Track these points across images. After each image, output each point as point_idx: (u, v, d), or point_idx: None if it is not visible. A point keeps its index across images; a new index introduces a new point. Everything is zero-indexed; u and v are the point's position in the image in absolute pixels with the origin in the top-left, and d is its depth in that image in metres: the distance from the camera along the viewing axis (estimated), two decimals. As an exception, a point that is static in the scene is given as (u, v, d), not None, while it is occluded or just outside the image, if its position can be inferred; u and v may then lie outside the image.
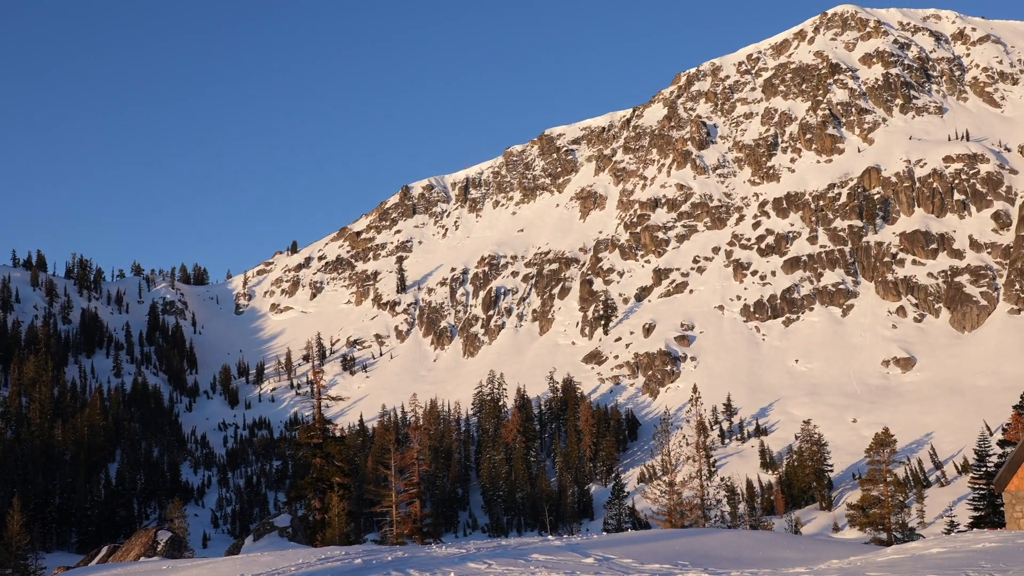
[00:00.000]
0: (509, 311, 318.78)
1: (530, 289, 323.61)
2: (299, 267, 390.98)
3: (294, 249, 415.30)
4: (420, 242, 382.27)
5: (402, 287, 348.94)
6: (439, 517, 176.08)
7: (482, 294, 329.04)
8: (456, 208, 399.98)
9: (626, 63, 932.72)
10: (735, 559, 22.58)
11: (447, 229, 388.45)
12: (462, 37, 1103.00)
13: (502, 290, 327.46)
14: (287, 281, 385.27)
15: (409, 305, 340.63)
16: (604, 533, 39.53)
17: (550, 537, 30.14)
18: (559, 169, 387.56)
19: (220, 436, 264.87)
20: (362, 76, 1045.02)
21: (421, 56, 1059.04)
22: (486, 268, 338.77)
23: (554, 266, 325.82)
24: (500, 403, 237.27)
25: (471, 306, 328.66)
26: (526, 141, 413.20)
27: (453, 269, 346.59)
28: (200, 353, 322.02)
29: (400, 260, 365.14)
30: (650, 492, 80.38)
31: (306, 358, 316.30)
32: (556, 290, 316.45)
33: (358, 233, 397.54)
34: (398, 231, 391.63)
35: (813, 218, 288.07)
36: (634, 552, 22.81)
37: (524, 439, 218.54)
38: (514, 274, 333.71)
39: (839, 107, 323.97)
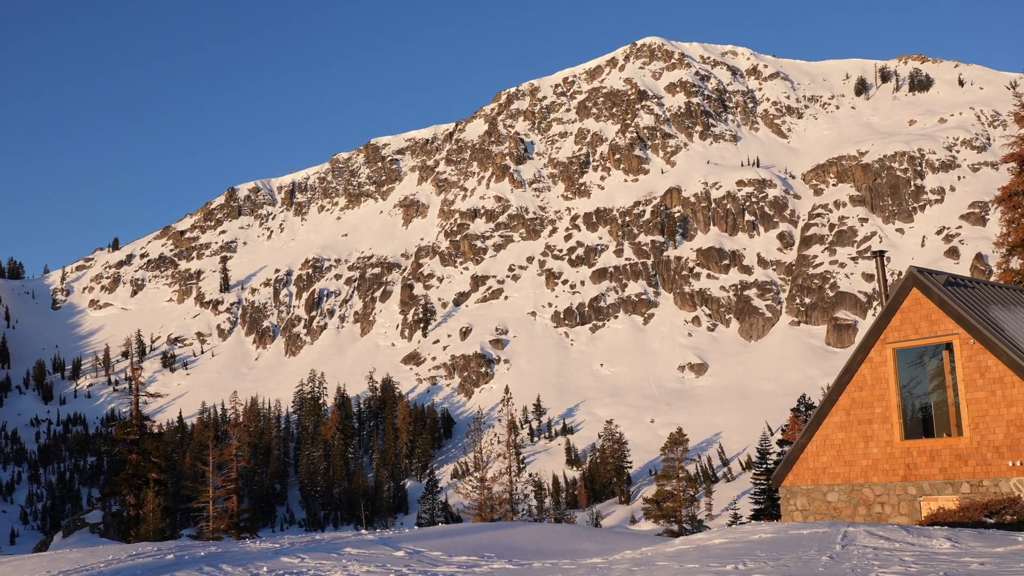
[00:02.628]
0: (331, 312, 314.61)
1: (352, 292, 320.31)
2: (120, 264, 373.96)
3: (116, 246, 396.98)
4: (245, 243, 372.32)
5: (225, 286, 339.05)
6: (257, 512, 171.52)
7: (305, 295, 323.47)
8: (282, 211, 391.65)
9: (450, 79, 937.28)
10: (538, 550, 22.87)
11: (272, 231, 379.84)
12: (290, 43, 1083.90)
13: (325, 292, 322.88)
14: (107, 278, 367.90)
15: (232, 304, 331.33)
16: (417, 527, 39.28)
17: (364, 531, 29.80)
18: (384, 177, 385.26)
19: (32, 432, 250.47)
20: (189, 76, 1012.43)
21: (249, 59, 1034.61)
22: (310, 270, 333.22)
23: (376, 270, 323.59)
24: (320, 401, 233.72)
25: (294, 307, 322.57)
26: (352, 149, 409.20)
27: (277, 270, 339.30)
28: (14, 348, 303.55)
29: (224, 260, 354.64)
30: (462, 487, 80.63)
31: (125, 355, 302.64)
32: (378, 293, 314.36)
33: (182, 232, 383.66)
34: (223, 231, 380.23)
35: (620, 232, 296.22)
36: (443, 545, 22.79)
37: (343, 436, 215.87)
38: (337, 277, 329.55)
39: (645, 131, 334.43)
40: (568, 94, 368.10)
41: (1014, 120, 50.05)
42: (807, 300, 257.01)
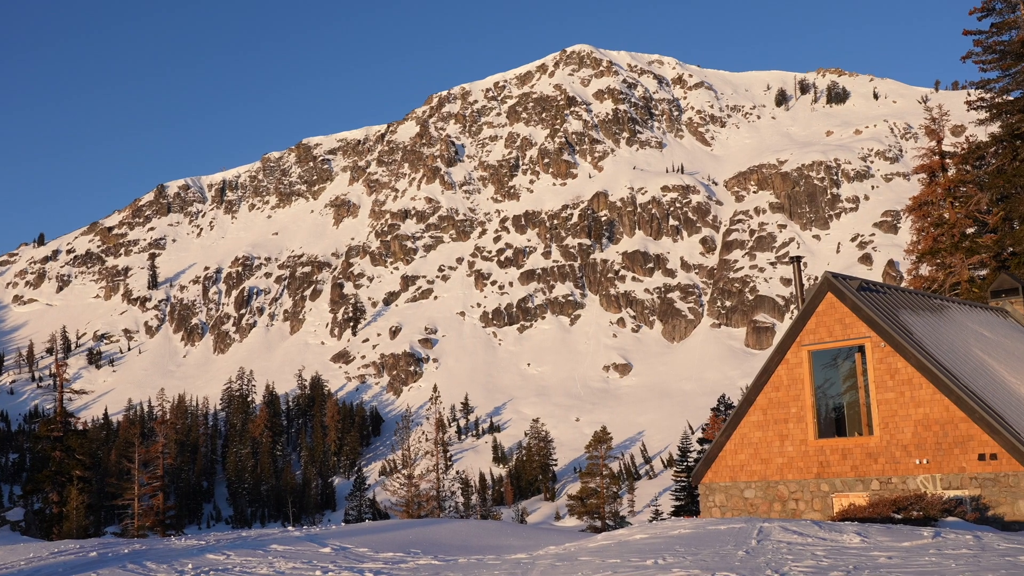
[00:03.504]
0: (261, 311, 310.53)
1: (282, 290, 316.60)
2: (46, 259, 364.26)
3: (41, 241, 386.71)
4: (174, 240, 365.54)
5: (154, 283, 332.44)
6: (183, 510, 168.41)
7: (235, 293, 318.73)
8: (212, 209, 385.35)
9: (383, 81, 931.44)
10: (463, 546, 22.84)
11: (202, 229, 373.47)
12: (220, 39, 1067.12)
13: (255, 290, 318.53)
14: (32, 273, 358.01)
15: (160, 301, 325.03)
16: (344, 524, 38.85)
17: (291, 528, 29.46)
18: (315, 177, 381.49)
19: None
20: (119, 69, 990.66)
21: (181, 54, 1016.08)
22: (240, 268, 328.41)
23: (307, 269, 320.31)
24: (249, 399, 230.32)
25: (223, 304, 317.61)
26: (284, 148, 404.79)
27: (207, 268, 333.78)
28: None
29: (153, 257, 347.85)
30: (390, 485, 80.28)
31: (50, 351, 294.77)
32: (308, 292, 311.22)
33: (110, 228, 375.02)
34: (152, 228, 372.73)
35: (548, 235, 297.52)
36: (370, 541, 22.63)
37: (271, 434, 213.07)
38: (267, 275, 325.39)
39: (574, 136, 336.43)
40: (499, 98, 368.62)
41: (925, 133, 51.43)
42: (727, 303, 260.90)
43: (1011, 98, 44.74)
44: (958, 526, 20.36)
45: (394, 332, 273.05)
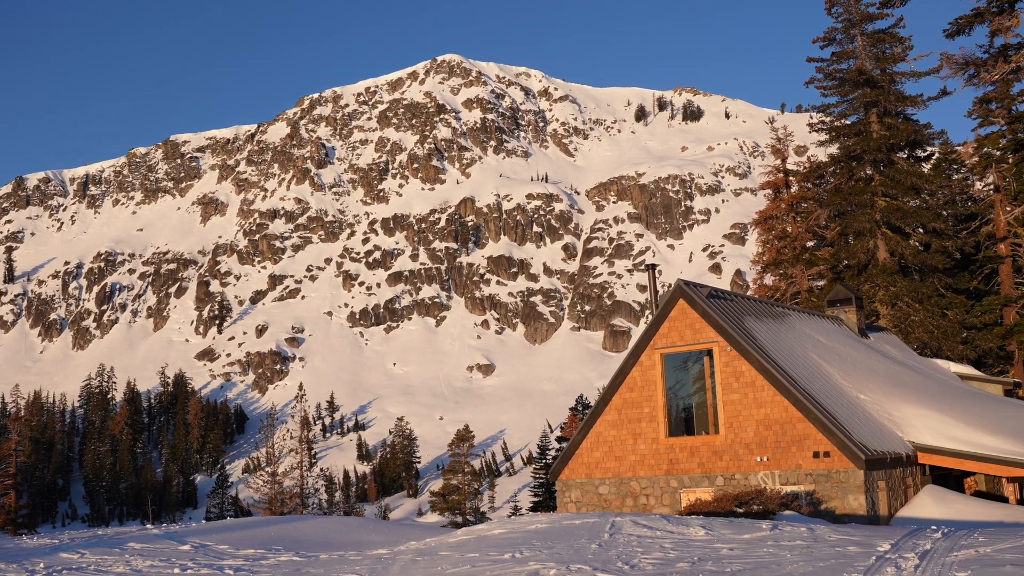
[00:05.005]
0: (124, 307, 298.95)
1: (146, 287, 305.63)
2: None
3: None
4: (33, 234, 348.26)
5: (10, 277, 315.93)
6: (37, 508, 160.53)
7: (96, 289, 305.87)
8: (74, 203, 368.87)
9: (254, 81, 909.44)
10: (326, 543, 22.52)
11: (63, 223, 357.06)
12: (92, 35, 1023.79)
13: (117, 286, 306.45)
14: None
15: (17, 296, 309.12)
16: (205, 521, 37.73)
17: (150, 526, 28.43)
18: (183, 174, 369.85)
19: None
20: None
21: (43, 46, 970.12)
22: (102, 264, 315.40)
23: (172, 266, 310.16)
24: (109, 396, 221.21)
25: (84, 300, 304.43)
26: (151, 144, 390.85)
27: (67, 263, 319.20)
28: None
29: (9, 250, 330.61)
30: (253, 482, 78.33)
31: None
32: (173, 289, 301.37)
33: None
34: (9, 221, 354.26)
35: (416, 238, 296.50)
36: (231, 538, 22.05)
37: (132, 431, 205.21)
38: (131, 271, 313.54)
39: (443, 143, 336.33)
40: (370, 103, 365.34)
41: (771, 152, 53.52)
42: (587, 307, 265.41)
43: (848, 122, 46.89)
44: (794, 519, 21.16)
45: (260, 330, 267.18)
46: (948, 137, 50.31)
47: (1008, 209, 44.07)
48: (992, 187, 46.33)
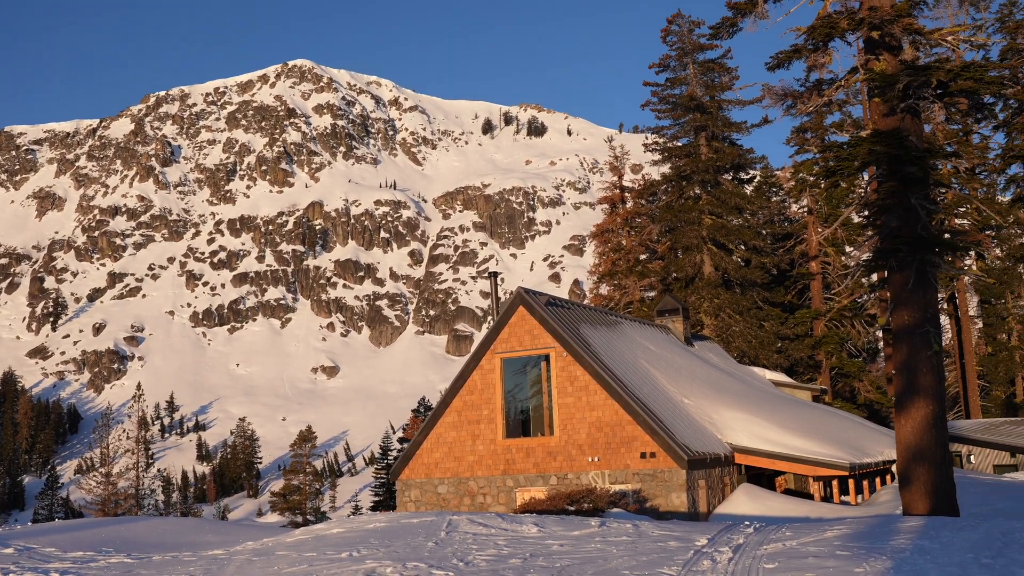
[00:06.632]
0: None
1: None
2: None
3: None
4: None
5: None
6: None
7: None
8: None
9: (97, 75, 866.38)
10: (159, 544, 21.62)
11: None
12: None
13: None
14: None
15: None
16: (32, 523, 35.65)
17: (-29, 530, 26.52)
18: (18, 167, 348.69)
19: None
20: None
21: None
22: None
23: (3, 261, 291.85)
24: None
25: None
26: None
27: None
28: None
29: None
30: (86, 483, 74.47)
31: None
32: (4, 284, 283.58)
33: None
34: None
35: (263, 240, 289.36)
36: (58, 541, 20.85)
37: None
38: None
39: (292, 146, 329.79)
40: (219, 104, 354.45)
41: (609, 169, 54.92)
42: (432, 312, 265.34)
43: (680, 144, 48.64)
44: (621, 516, 21.69)
45: (98, 329, 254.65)
46: (768, 162, 53.08)
47: (819, 230, 46.74)
48: (806, 209, 49.02)
